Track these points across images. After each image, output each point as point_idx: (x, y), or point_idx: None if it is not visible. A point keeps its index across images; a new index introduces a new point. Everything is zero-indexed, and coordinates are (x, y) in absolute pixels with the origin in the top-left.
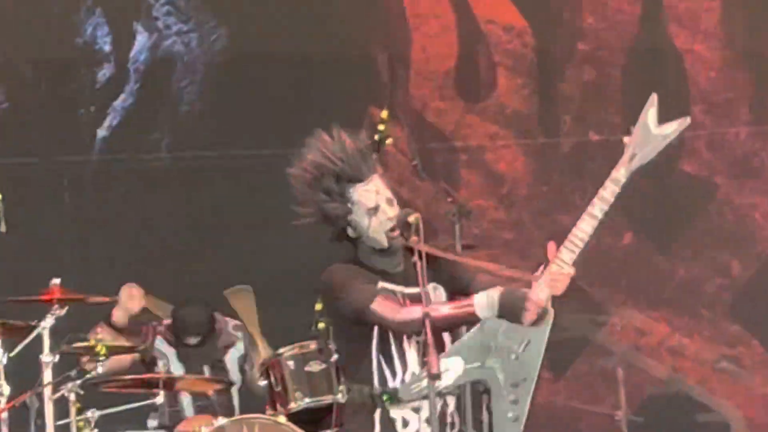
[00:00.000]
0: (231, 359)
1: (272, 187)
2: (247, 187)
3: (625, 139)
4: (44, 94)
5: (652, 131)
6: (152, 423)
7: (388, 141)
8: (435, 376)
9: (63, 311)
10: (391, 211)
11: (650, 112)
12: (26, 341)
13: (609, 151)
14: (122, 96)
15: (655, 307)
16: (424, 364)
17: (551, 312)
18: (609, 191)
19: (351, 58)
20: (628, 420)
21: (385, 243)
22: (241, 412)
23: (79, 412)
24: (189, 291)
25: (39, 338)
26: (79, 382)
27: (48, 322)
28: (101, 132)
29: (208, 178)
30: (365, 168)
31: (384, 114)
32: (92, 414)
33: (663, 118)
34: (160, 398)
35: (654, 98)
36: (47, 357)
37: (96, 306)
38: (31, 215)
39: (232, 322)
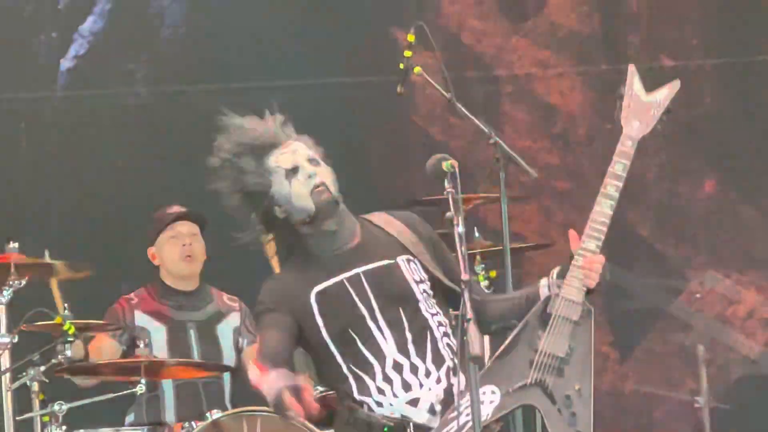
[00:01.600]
0: (224, 330)
1: None
2: None
3: (620, 116)
4: None
5: (644, 99)
6: (130, 419)
7: (416, 70)
8: (477, 359)
9: (22, 282)
10: (313, 169)
11: (635, 83)
12: None
13: (685, 79)
14: (90, 18)
15: (743, 269)
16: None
17: (591, 310)
18: (620, 167)
19: None
20: (712, 408)
21: (311, 204)
22: (234, 400)
23: (44, 404)
24: None
25: None
26: (43, 368)
27: (5, 295)
28: (65, 63)
29: (193, 118)
30: (281, 134)
31: (410, 37)
32: (59, 407)
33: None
34: (141, 387)
35: (632, 68)
36: (4, 338)
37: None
38: None
39: (226, 295)
